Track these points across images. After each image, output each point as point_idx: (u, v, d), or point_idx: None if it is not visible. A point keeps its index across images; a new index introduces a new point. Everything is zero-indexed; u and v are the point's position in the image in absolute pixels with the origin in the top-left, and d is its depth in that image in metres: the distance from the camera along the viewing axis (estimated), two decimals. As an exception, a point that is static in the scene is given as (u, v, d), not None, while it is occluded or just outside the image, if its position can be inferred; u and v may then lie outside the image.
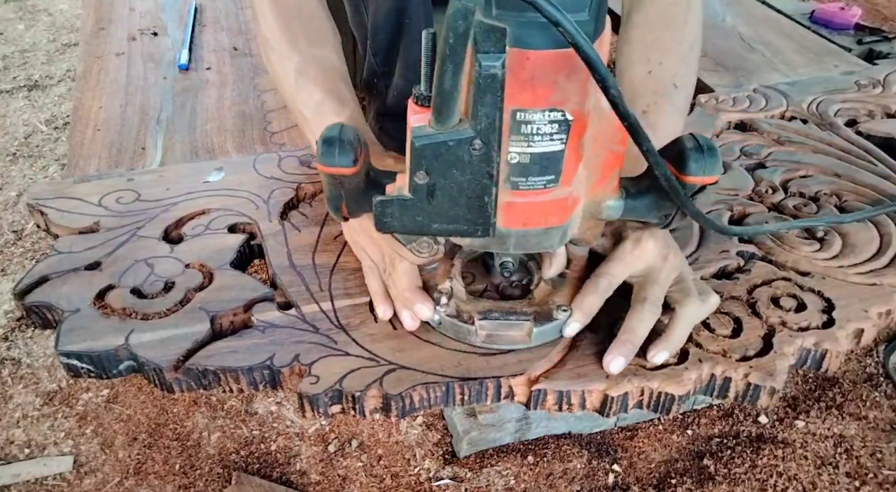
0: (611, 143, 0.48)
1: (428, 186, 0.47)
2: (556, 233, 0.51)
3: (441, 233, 0.50)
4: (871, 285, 0.65)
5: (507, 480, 0.71)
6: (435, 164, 0.45)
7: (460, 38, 0.39)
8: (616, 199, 0.52)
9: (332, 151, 0.47)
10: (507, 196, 0.48)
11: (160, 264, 0.67)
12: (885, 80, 0.98)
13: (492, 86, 0.41)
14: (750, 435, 0.74)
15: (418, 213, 0.49)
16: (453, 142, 0.44)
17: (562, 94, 0.43)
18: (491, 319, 0.57)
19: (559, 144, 0.46)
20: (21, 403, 0.80)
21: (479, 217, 0.48)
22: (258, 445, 0.75)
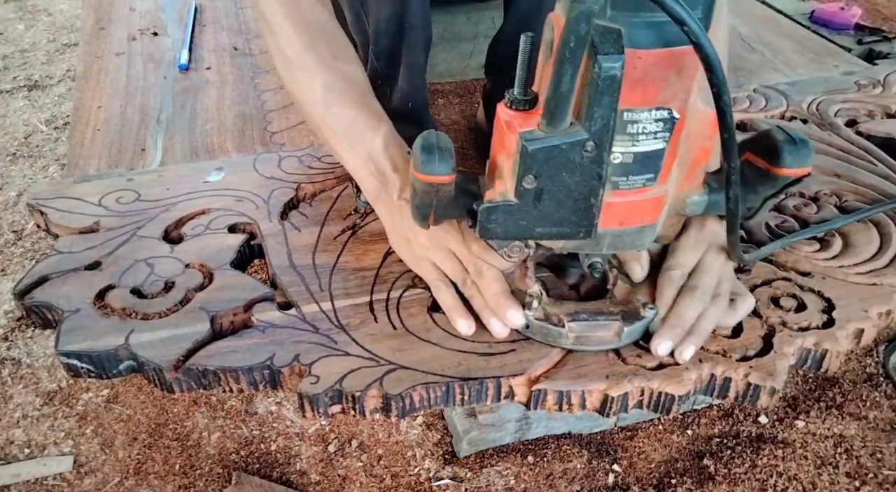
0: (701, 138, 0.48)
1: (536, 191, 0.47)
2: (649, 231, 0.51)
3: (543, 236, 0.50)
4: (871, 285, 0.65)
5: (507, 480, 0.71)
6: (545, 167, 0.45)
7: (580, 41, 0.40)
8: (700, 194, 0.52)
9: (433, 159, 0.46)
10: (607, 196, 0.48)
11: (160, 264, 0.67)
12: (885, 80, 0.98)
13: (610, 87, 0.41)
14: (750, 435, 0.74)
15: (523, 217, 0.49)
16: (566, 145, 0.44)
17: (670, 91, 0.44)
18: (580, 321, 0.57)
19: (662, 143, 0.46)
20: (21, 403, 0.80)
21: (584, 219, 0.48)
22: (258, 445, 0.75)
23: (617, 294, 0.59)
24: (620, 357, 0.58)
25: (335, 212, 0.74)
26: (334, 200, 0.76)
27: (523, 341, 0.59)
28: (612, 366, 0.57)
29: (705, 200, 0.52)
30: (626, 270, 0.60)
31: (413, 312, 0.62)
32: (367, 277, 0.65)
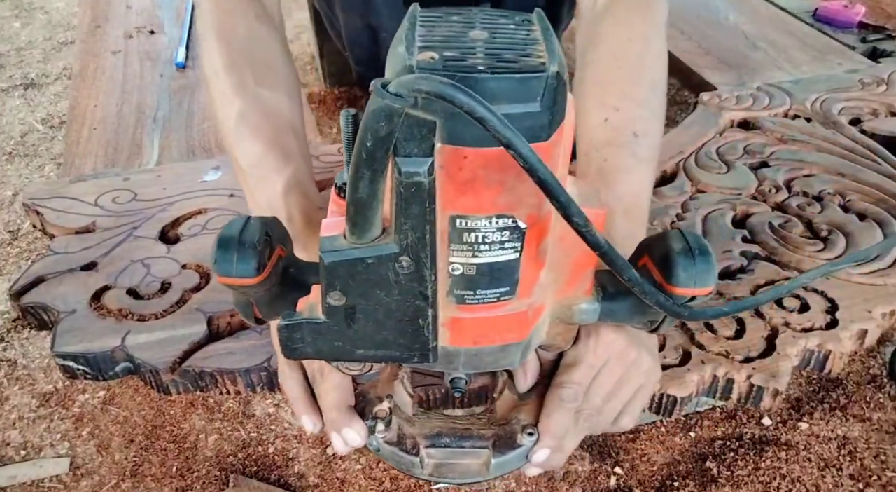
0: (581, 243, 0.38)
1: (346, 309, 0.38)
2: (514, 350, 0.42)
3: (368, 359, 0.42)
4: (874, 286, 0.65)
5: (507, 482, 0.70)
6: (352, 284, 0.37)
7: (380, 142, 0.31)
8: (590, 301, 0.44)
9: (230, 258, 0.38)
10: (452, 311, 0.39)
11: (157, 265, 0.66)
12: (889, 78, 0.97)
13: (417, 195, 0.33)
14: (753, 437, 0.74)
15: (336, 337, 0.40)
16: (373, 259, 0.36)
17: (512, 197, 0.35)
18: (440, 447, 0.47)
19: (512, 253, 0.37)
20: (17, 404, 0.79)
21: (415, 342, 0.40)
22: (256, 447, 0.74)
23: (499, 408, 0.50)
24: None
25: (333, 211, 0.73)
26: (333, 199, 0.75)
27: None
28: (614, 368, 0.57)
29: (597, 307, 0.43)
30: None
31: (412, 313, 0.61)
32: (366, 278, 0.64)
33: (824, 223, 0.72)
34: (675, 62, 1.07)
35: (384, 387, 0.50)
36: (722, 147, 0.84)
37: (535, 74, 0.31)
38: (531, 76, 0.31)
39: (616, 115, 0.57)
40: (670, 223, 0.73)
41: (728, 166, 0.81)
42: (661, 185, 0.79)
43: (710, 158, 0.82)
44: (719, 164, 0.81)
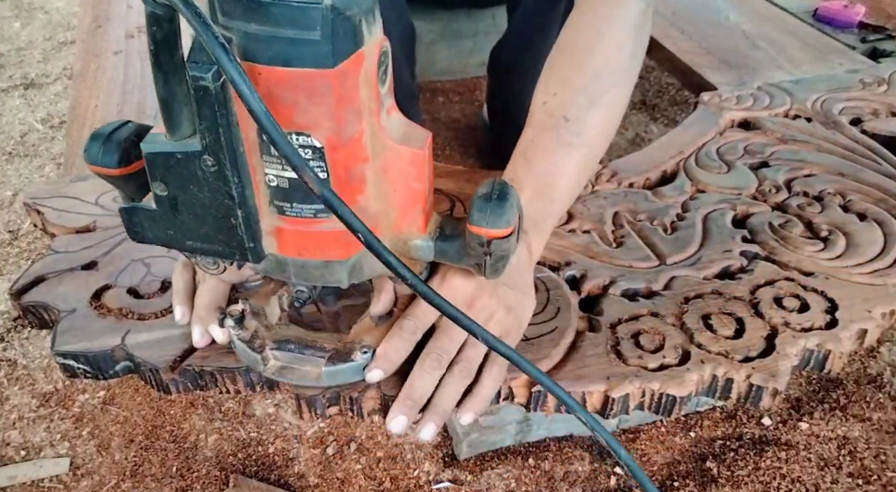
0: (405, 178, 0.44)
1: (169, 199, 0.43)
2: (339, 268, 0.45)
3: (197, 251, 0.46)
4: (874, 286, 0.65)
5: (507, 482, 0.70)
6: (169, 175, 0.42)
7: (161, 45, 0.37)
8: (424, 239, 0.47)
9: (96, 149, 0.44)
10: (274, 221, 0.44)
11: (157, 264, 0.66)
12: (890, 78, 0.97)
13: (205, 99, 0.37)
14: (753, 437, 0.74)
15: (168, 226, 0.45)
16: (181, 154, 0.40)
17: (307, 117, 0.39)
18: (284, 351, 0.53)
19: (319, 172, 0.41)
20: (17, 404, 0.79)
21: (232, 240, 0.44)
22: (256, 447, 0.74)
23: (354, 331, 0.54)
24: (621, 358, 0.58)
25: (334, 211, 0.73)
26: (333, 199, 0.75)
27: (523, 342, 0.58)
28: (613, 367, 0.57)
29: (431, 246, 0.47)
30: None
31: (412, 313, 0.61)
32: (366, 278, 0.64)
33: (824, 223, 0.72)
34: (675, 62, 1.07)
35: (260, 299, 0.55)
36: (722, 147, 0.84)
37: (312, 5, 0.35)
38: (308, 6, 0.35)
39: (553, 99, 0.60)
40: (670, 223, 0.73)
41: (728, 166, 0.81)
42: (662, 184, 0.79)
43: (710, 158, 0.82)
44: (719, 164, 0.81)
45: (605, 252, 0.68)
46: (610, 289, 0.64)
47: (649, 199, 0.76)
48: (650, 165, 0.81)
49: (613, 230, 0.71)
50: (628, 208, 0.74)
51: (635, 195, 0.77)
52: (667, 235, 0.71)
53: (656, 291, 0.65)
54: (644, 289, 0.65)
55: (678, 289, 0.64)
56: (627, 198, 0.76)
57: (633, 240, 0.70)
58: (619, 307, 0.62)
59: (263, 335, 0.53)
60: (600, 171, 0.80)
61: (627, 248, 0.69)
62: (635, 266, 0.67)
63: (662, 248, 0.69)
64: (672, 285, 0.65)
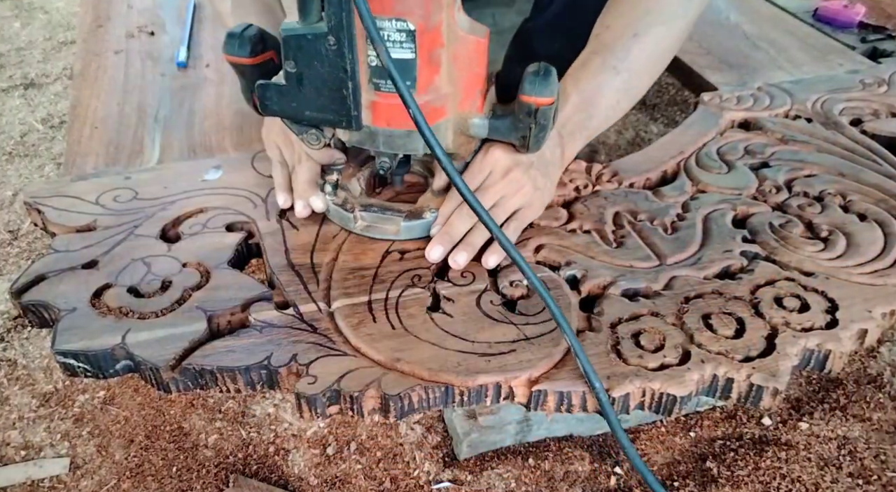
0: (470, 63, 0.55)
1: (297, 75, 0.54)
2: (418, 137, 0.54)
3: (313, 120, 0.57)
4: (874, 286, 0.65)
5: (507, 482, 0.70)
6: (299, 55, 0.52)
7: None
8: (481, 118, 0.59)
9: (233, 43, 0.56)
10: (371, 96, 0.55)
11: (157, 263, 0.66)
12: (890, 79, 0.97)
13: None
14: (753, 437, 0.74)
15: (292, 99, 0.56)
16: (311, 35, 0.51)
17: (405, 5, 0.51)
18: (370, 211, 0.66)
19: (409, 53, 0.53)
20: (17, 404, 0.79)
21: (342, 108, 0.55)
22: (256, 447, 0.74)
23: (420, 201, 0.68)
24: (621, 357, 0.58)
25: (334, 211, 0.73)
26: (333, 198, 0.75)
27: (523, 342, 0.58)
28: (613, 366, 0.57)
29: (486, 123, 0.59)
30: None
31: (412, 312, 0.61)
32: (366, 277, 0.65)
33: (825, 224, 0.72)
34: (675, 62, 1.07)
35: (345, 179, 0.69)
36: (722, 147, 0.84)
37: None
38: None
39: (606, 31, 0.70)
40: (671, 223, 0.73)
41: (729, 166, 0.81)
42: (662, 185, 0.79)
43: (710, 159, 0.82)
44: (720, 164, 0.81)
45: (606, 252, 0.68)
46: (610, 289, 0.64)
47: (650, 199, 0.76)
48: (650, 165, 0.81)
49: (614, 230, 0.71)
50: (629, 208, 0.74)
51: (636, 195, 0.77)
52: (667, 235, 0.71)
53: (657, 291, 0.64)
54: (644, 289, 0.65)
55: (678, 289, 0.64)
56: (628, 198, 0.76)
57: (634, 240, 0.70)
58: (619, 307, 0.62)
59: (351, 201, 0.67)
60: (600, 171, 0.80)
61: (628, 248, 0.69)
62: (635, 266, 0.67)
63: (663, 248, 0.69)
64: (672, 285, 0.65)
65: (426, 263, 0.66)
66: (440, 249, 0.63)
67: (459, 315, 0.61)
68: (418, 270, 0.64)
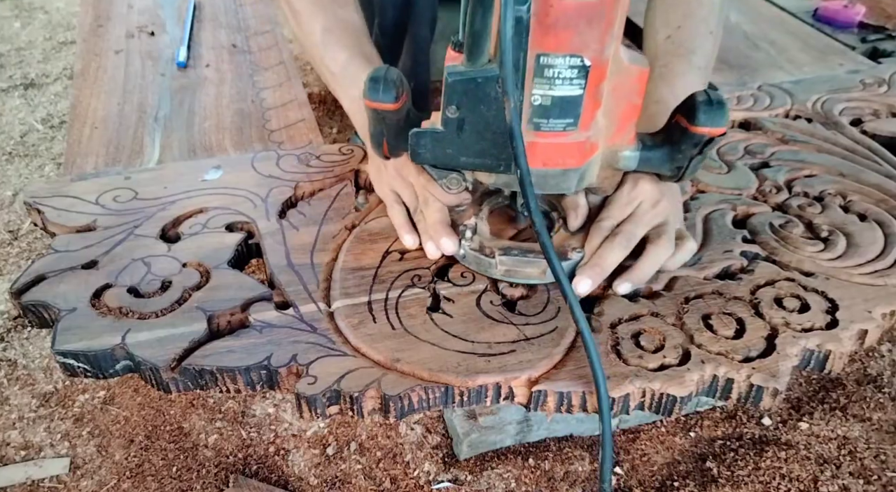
0: (629, 94, 0.52)
1: (458, 120, 0.52)
2: (573, 175, 0.54)
3: (468, 166, 0.55)
4: (874, 286, 0.65)
5: (507, 483, 0.70)
6: (465, 99, 0.50)
7: None
8: (633, 150, 0.56)
9: (377, 88, 0.52)
10: (529, 136, 0.52)
11: (157, 263, 0.66)
12: (891, 79, 0.97)
13: (517, 28, 0.45)
14: (753, 437, 0.74)
15: (448, 145, 0.53)
16: (481, 78, 0.49)
17: (581, 40, 0.48)
18: (510, 255, 0.61)
19: (578, 89, 0.50)
20: (17, 404, 0.79)
21: (503, 152, 0.53)
22: (256, 447, 0.74)
23: (556, 240, 0.64)
24: (621, 357, 0.58)
25: (334, 211, 0.73)
26: (333, 198, 0.75)
27: (523, 342, 0.58)
28: (614, 367, 0.57)
29: (637, 155, 0.56)
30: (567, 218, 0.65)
31: (412, 313, 0.61)
32: (366, 277, 0.64)
33: (825, 224, 0.72)
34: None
35: (465, 220, 0.65)
36: (723, 147, 0.84)
37: None
38: None
39: (678, 32, 0.70)
40: (671, 223, 0.72)
41: (729, 166, 0.81)
42: (662, 185, 0.79)
43: (710, 158, 0.82)
44: (720, 164, 0.81)
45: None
46: (610, 289, 0.64)
47: (650, 199, 0.76)
48: (650, 165, 0.81)
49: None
50: (629, 208, 0.74)
51: (636, 195, 0.76)
52: (667, 235, 0.71)
53: (657, 292, 0.64)
54: (644, 289, 0.65)
55: (678, 289, 0.64)
56: (628, 198, 0.76)
57: (634, 240, 0.70)
58: (619, 307, 0.62)
59: (488, 245, 0.63)
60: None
61: (628, 248, 0.69)
62: (636, 266, 0.67)
63: (663, 248, 0.69)
64: (672, 285, 0.65)
65: (426, 263, 0.65)
66: (588, 281, 0.60)
67: (459, 315, 0.61)
68: (418, 271, 0.64)
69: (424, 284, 0.63)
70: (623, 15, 0.49)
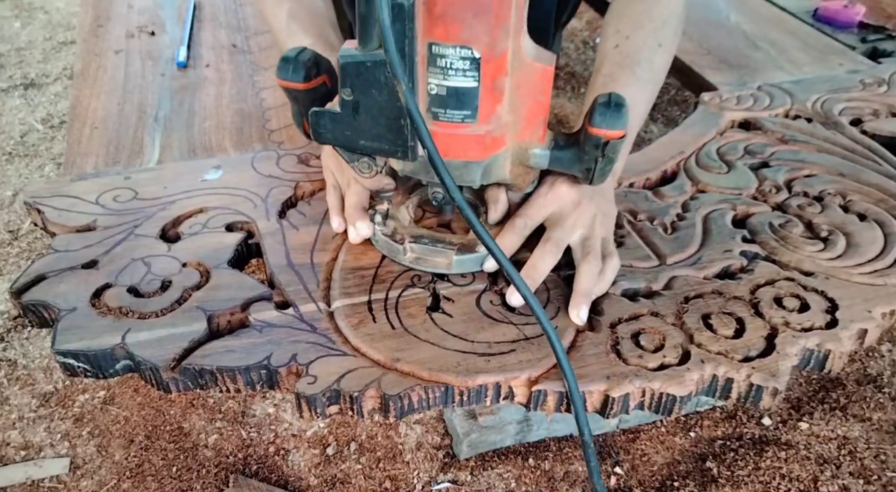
0: (533, 91, 0.52)
1: (353, 103, 0.52)
2: (475, 168, 0.54)
3: (367, 150, 0.55)
4: (874, 286, 0.65)
5: (507, 482, 0.70)
6: (357, 82, 0.50)
7: None
8: (542, 148, 0.56)
9: (287, 68, 0.54)
10: (429, 126, 0.52)
11: (157, 263, 0.66)
12: (890, 79, 0.97)
13: (399, 15, 0.46)
14: (753, 437, 0.74)
15: (347, 127, 0.54)
16: (371, 63, 0.49)
17: (471, 32, 0.48)
18: (420, 244, 0.63)
19: (472, 81, 0.50)
20: (17, 404, 0.79)
21: (398, 138, 0.53)
22: (256, 447, 0.74)
23: (473, 233, 0.63)
24: (621, 357, 0.58)
25: (334, 211, 0.73)
26: (333, 198, 0.75)
27: (523, 342, 0.58)
28: (613, 366, 0.57)
29: (547, 154, 0.56)
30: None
31: (412, 312, 0.61)
32: (366, 277, 0.65)
33: (824, 223, 0.72)
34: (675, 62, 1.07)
35: (394, 207, 0.66)
36: (722, 147, 0.84)
37: None
38: None
39: (626, 42, 0.69)
40: (670, 223, 0.73)
41: (728, 166, 0.81)
42: (662, 184, 0.79)
43: (710, 158, 0.82)
44: (720, 164, 0.81)
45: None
46: (610, 288, 0.64)
47: (649, 198, 0.76)
48: (650, 165, 0.81)
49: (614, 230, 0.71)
50: (628, 208, 0.74)
51: (635, 195, 0.77)
52: (667, 234, 0.71)
53: (656, 291, 0.64)
54: (644, 289, 0.65)
55: (678, 289, 0.64)
56: (628, 198, 0.76)
57: (634, 239, 0.70)
58: (619, 307, 0.62)
59: (401, 232, 0.64)
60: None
61: (627, 247, 0.69)
62: (635, 266, 0.67)
63: (663, 247, 0.69)
64: (672, 285, 0.65)
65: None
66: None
67: (459, 315, 0.61)
68: (418, 271, 0.64)
69: (424, 283, 0.63)
70: (520, 11, 0.49)
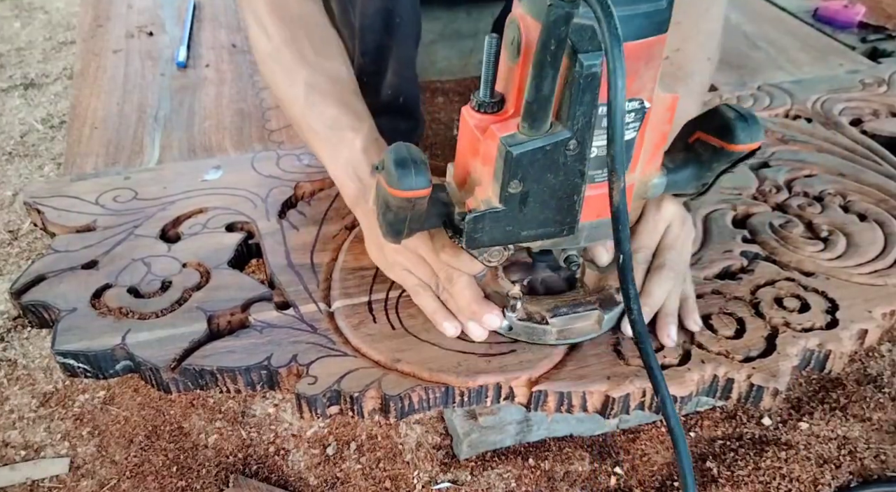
0: (660, 123, 0.49)
1: (521, 195, 0.46)
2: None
3: (529, 239, 0.49)
4: (874, 286, 0.65)
5: (507, 482, 0.70)
6: (530, 171, 0.44)
7: (561, 43, 0.39)
8: (660, 176, 0.52)
9: (409, 173, 0.44)
10: (586, 192, 0.48)
11: (157, 263, 0.66)
12: (890, 79, 0.97)
13: (592, 84, 0.41)
14: (753, 437, 0.74)
15: (509, 222, 0.48)
16: (550, 146, 0.43)
17: (640, 82, 0.44)
18: (561, 315, 0.57)
19: (633, 132, 0.46)
20: (17, 404, 0.79)
21: (567, 217, 0.48)
22: (256, 447, 0.74)
23: (588, 283, 0.60)
24: (622, 357, 0.58)
25: (334, 211, 0.73)
26: (333, 198, 0.75)
27: (523, 342, 0.58)
28: (614, 367, 0.57)
29: (664, 181, 0.52)
30: (590, 258, 0.60)
31: (412, 313, 0.61)
32: (366, 277, 0.65)
33: (825, 224, 0.72)
34: (675, 62, 1.07)
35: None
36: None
37: None
38: None
39: (676, 54, 0.67)
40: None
41: (728, 166, 0.81)
42: (662, 185, 0.79)
43: (710, 158, 0.82)
44: (720, 164, 0.81)
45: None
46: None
47: (650, 199, 0.76)
48: (650, 165, 0.81)
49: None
50: (629, 208, 0.74)
51: (636, 195, 0.77)
52: (667, 235, 0.71)
53: (657, 291, 0.64)
54: (644, 289, 0.65)
55: (678, 289, 0.64)
56: (628, 198, 0.76)
57: (634, 240, 0.70)
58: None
59: (533, 310, 0.57)
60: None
61: (628, 248, 0.69)
62: (636, 266, 0.67)
63: (663, 248, 0.69)
64: (672, 285, 0.65)
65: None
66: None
67: (459, 315, 0.61)
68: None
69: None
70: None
